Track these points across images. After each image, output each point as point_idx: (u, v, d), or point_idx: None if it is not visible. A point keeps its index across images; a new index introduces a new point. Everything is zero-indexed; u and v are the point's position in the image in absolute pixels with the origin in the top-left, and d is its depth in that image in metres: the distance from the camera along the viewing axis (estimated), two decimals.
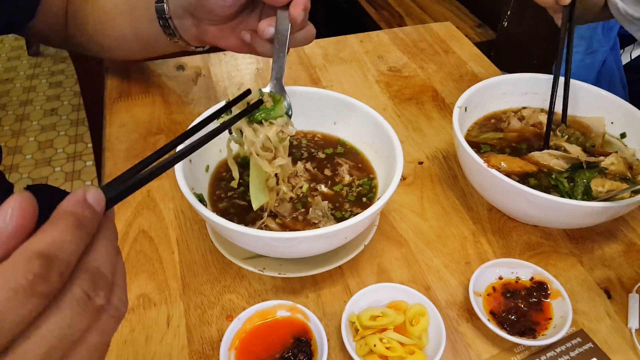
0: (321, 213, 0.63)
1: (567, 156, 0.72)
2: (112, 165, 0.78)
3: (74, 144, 2.39)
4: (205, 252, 0.67)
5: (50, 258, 0.27)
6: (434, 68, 1.04)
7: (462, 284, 0.64)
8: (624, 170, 0.70)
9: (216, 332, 0.59)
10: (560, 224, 0.69)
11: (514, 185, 0.62)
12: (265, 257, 0.64)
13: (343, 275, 0.65)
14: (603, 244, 0.70)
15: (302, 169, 0.70)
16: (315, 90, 0.74)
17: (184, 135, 0.48)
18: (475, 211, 0.74)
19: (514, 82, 0.82)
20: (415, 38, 1.13)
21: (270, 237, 0.54)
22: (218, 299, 0.62)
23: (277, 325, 0.56)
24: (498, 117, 0.81)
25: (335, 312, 0.61)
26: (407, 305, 0.59)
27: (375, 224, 0.69)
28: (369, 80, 1.00)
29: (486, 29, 2.02)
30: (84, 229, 0.29)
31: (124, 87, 0.94)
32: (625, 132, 0.77)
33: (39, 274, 0.26)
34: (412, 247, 0.69)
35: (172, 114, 0.88)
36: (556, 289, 0.60)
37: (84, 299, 0.29)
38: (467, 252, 0.68)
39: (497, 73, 0.99)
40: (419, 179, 0.79)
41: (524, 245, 0.70)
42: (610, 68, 1.10)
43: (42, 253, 0.27)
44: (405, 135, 0.87)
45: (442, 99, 0.96)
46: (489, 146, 0.76)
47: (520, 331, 0.57)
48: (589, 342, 0.59)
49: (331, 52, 1.07)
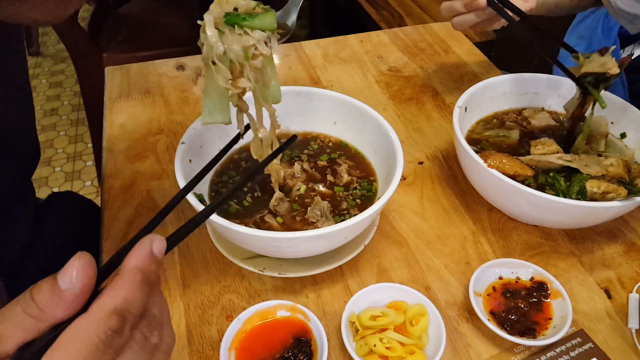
0: (319, 212, 0.63)
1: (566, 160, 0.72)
2: (112, 165, 0.78)
3: (74, 144, 2.39)
4: (205, 252, 0.67)
5: (123, 315, 0.30)
6: (434, 68, 1.04)
7: (462, 284, 0.64)
8: (622, 173, 0.70)
9: (216, 332, 0.59)
10: (560, 224, 0.69)
11: (514, 185, 0.62)
12: (265, 257, 0.64)
13: (343, 275, 0.65)
14: (603, 244, 0.70)
15: (299, 170, 0.70)
16: (315, 90, 0.74)
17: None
18: (475, 211, 0.74)
19: (514, 82, 0.82)
20: (416, 38, 1.13)
21: (270, 237, 0.53)
22: (218, 299, 0.62)
23: (277, 325, 0.56)
24: (500, 117, 0.81)
25: (335, 312, 0.61)
26: (407, 305, 0.59)
27: (375, 224, 0.69)
28: (369, 80, 1.00)
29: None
30: (150, 284, 0.33)
31: (124, 87, 0.94)
32: (625, 132, 0.77)
33: (116, 329, 0.30)
34: (412, 247, 0.69)
35: (172, 114, 0.88)
36: (556, 289, 0.60)
37: (143, 340, 0.32)
38: (467, 252, 0.68)
39: (497, 73, 0.99)
40: (419, 179, 0.79)
41: (524, 245, 0.70)
42: None
43: (117, 310, 0.30)
44: (405, 135, 0.87)
45: (442, 99, 0.96)
46: (487, 143, 0.76)
47: (520, 331, 0.57)
48: (589, 342, 0.59)
49: (331, 52, 1.07)
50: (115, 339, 0.30)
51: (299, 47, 1.08)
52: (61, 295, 0.29)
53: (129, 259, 0.32)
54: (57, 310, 0.29)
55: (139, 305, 0.32)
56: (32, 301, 0.29)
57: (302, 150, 0.73)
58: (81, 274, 0.30)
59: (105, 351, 0.29)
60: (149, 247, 0.33)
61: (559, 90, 0.82)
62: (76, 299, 0.30)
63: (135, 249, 0.33)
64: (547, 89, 0.82)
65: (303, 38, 2.79)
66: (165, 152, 0.81)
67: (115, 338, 0.30)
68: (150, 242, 0.33)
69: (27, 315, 0.29)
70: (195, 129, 0.66)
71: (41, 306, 0.29)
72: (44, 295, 0.29)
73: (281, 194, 0.65)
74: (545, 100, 0.83)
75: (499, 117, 0.81)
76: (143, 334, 0.32)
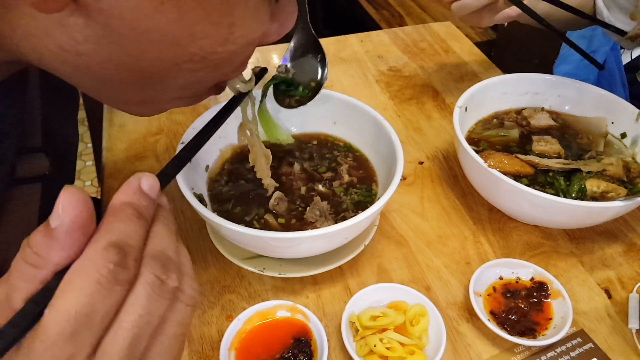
0: (319, 212, 0.63)
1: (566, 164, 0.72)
2: (112, 165, 0.78)
3: None
4: (205, 252, 0.67)
5: (121, 246, 0.28)
6: (434, 68, 1.04)
7: (462, 284, 0.64)
8: (621, 173, 0.70)
9: (216, 332, 0.59)
10: (561, 224, 0.69)
11: (514, 185, 0.62)
12: (265, 257, 0.63)
13: (343, 276, 0.65)
14: (603, 244, 0.70)
15: (298, 169, 0.69)
16: None
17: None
18: (475, 211, 0.74)
19: (514, 82, 0.82)
20: (416, 38, 1.13)
21: (270, 237, 0.53)
22: (218, 299, 0.62)
23: (277, 326, 0.56)
24: (500, 117, 0.81)
25: (335, 312, 0.60)
26: (407, 306, 0.59)
27: (375, 224, 0.69)
28: (369, 80, 1.00)
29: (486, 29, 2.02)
30: (143, 217, 0.30)
31: None
32: (626, 132, 0.77)
33: (118, 262, 0.27)
34: (412, 247, 0.69)
35: (172, 114, 0.88)
36: (556, 289, 0.60)
37: (157, 282, 0.29)
38: (467, 252, 0.68)
39: (497, 73, 0.99)
40: (419, 179, 0.79)
41: (524, 245, 0.69)
42: (611, 68, 1.09)
43: (113, 243, 0.28)
44: (406, 135, 0.87)
45: (442, 99, 0.96)
46: (487, 143, 0.76)
47: (520, 331, 0.57)
48: (589, 343, 0.58)
49: (331, 52, 1.07)
50: (118, 272, 0.27)
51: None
52: (53, 234, 0.27)
53: (115, 196, 0.30)
54: (53, 251, 0.27)
55: (137, 236, 0.29)
56: (28, 247, 0.27)
57: (302, 150, 0.73)
58: (67, 205, 0.27)
59: (111, 287, 0.27)
60: (136, 183, 0.31)
61: (559, 90, 0.82)
62: (69, 235, 0.27)
63: (122, 187, 0.30)
64: (547, 89, 0.82)
65: None
66: (165, 152, 0.81)
67: (119, 272, 0.27)
68: (137, 179, 0.31)
69: (26, 264, 0.27)
70: (195, 129, 0.66)
71: (36, 250, 0.27)
72: (37, 238, 0.27)
73: (281, 193, 0.65)
74: (546, 100, 0.83)
75: (499, 117, 0.81)
76: (155, 274, 0.29)
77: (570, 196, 0.67)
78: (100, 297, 0.27)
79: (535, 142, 0.75)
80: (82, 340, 0.27)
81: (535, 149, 0.74)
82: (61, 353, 0.26)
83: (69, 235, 0.27)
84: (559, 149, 0.74)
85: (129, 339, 0.28)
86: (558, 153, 0.74)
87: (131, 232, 0.29)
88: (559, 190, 0.68)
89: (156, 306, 0.29)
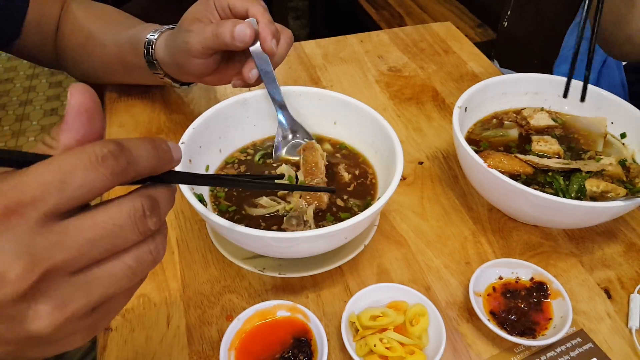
0: (295, 222, 0.61)
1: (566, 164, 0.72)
2: None
3: None
4: (205, 252, 0.67)
5: (123, 145, 0.29)
6: (434, 68, 1.04)
7: (462, 284, 0.64)
8: (620, 173, 0.70)
9: (216, 332, 0.59)
10: (561, 224, 0.69)
11: (514, 185, 0.62)
12: (265, 257, 0.64)
13: (343, 276, 0.65)
14: (603, 244, 0.70)
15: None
16: (315, 90, 0.74)
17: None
18: (475, 211, 0.74)
19: (514, 82, 0.82)
20: (416, 38, 1.13)
21: (270, 237, 0.53)
22: (218, 299, 0.62)
23: (277, 325, 0.56)
24: (500, 117, 0.81)
25: (335, 312, 0.61)
26: (407, 306, 0.59)
27: (375, 224, 0.69)
28: (369, 80, 1.00)
29: (486, 29, 2.03)
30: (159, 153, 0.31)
31: (123, 87, 0.94)
32: (625, 132, 0.77)
33: (112, 150, 0.28)
34: (412, 247, 0.69)
35: (172, 114, 0.88)
36: (556, 289, 0.60)
37: (140, 213, 0.30)
38: (467, 252, 0.68)
39: (497, 73, 0.99)
40: (419, 179, 0.79)
41: (524, 245, 0.70)
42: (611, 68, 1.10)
43: (116, 141, 0.29)
44: (405, 135, 0.87)
45: (442, 99, 0.96)
46: (486, 143, 0.76)
47: (520, 331, 0.57)
48: (589, 342, 0.59)
49: (331, 52, 1.07)
50: (108, 158, 0.28)
51: (299, 47, 1.08)
52: (64, 119, 0.30)
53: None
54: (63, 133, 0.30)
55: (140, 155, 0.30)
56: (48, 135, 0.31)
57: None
58: (74, 93, 0.30)
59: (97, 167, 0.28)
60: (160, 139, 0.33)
61: (559, 90, 0.82)
62: (76, 117, 0.30)
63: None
64: (547, 89, 0.82)
65: (303, 38, 2.79)
66: None
67: (109, 158, 0.28)
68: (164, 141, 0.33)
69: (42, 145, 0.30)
70: (195, 129, 0.66)
71: (53, 135, 0.30)
72: (54, 128, 0.31)
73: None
74: (545, 100, 0.83)
75: (499, 117, 0.81)
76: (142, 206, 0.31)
77: (569, 196, 0.67)
78: (83, 166, 0.28)
79: (534, 142, 0.75)
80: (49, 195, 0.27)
81: (535, 148, 0.74)
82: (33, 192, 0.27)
83: (76, 117, 0.30)
84: (559, 149, 0.74)
85: (92, 234, 0.29)
86: (557, 153, 0.74)
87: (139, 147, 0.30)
88: (558, 190, 0.68)
89: (128, 229, 0.30)
